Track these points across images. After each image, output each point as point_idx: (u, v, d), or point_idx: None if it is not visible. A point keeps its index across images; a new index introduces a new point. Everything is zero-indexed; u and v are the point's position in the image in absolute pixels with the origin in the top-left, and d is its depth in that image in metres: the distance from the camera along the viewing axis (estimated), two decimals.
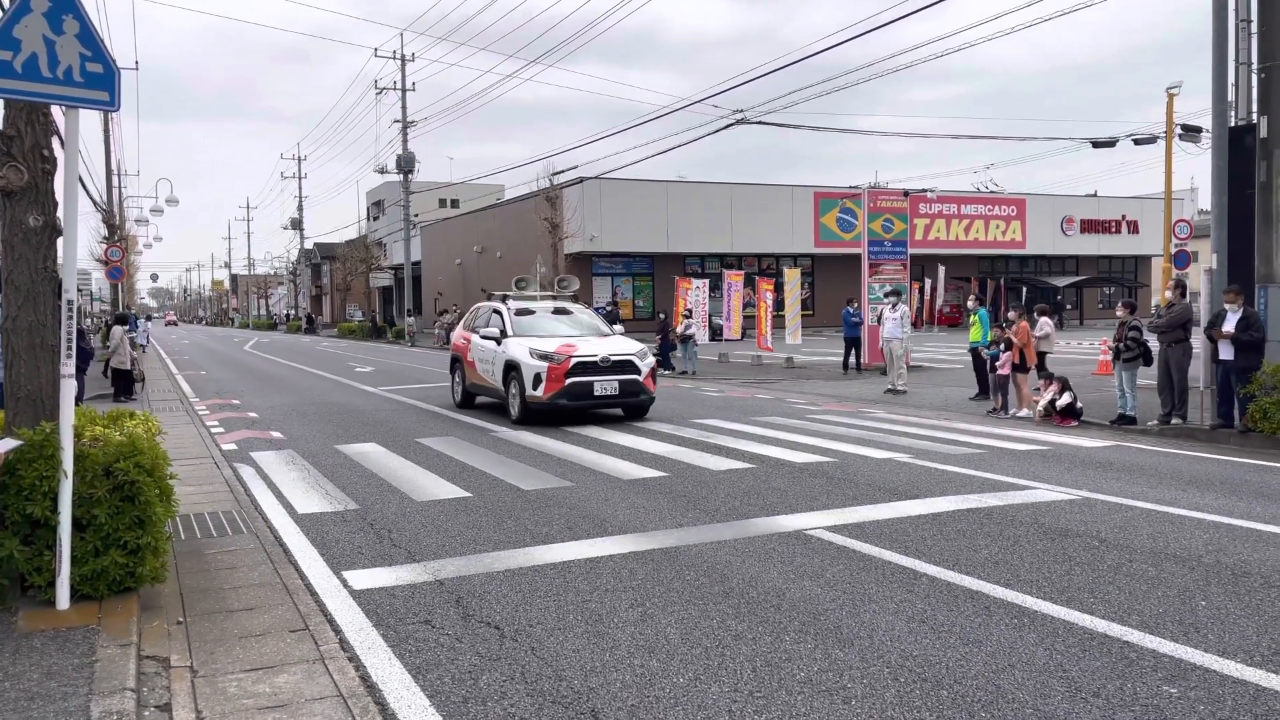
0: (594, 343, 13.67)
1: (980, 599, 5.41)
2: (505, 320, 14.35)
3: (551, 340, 13.60)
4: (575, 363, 13.00)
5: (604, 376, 13.15)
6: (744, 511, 7.72)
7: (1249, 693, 4.09)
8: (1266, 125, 12.29)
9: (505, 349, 13.77)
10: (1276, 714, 3.87)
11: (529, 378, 13.02)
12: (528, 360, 13.15)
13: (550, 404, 12.99)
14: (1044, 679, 4.27)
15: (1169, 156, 25.94)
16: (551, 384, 12.91)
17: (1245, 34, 12.86)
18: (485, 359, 14.43)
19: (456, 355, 15.97)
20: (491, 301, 15.66)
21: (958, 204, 47.30)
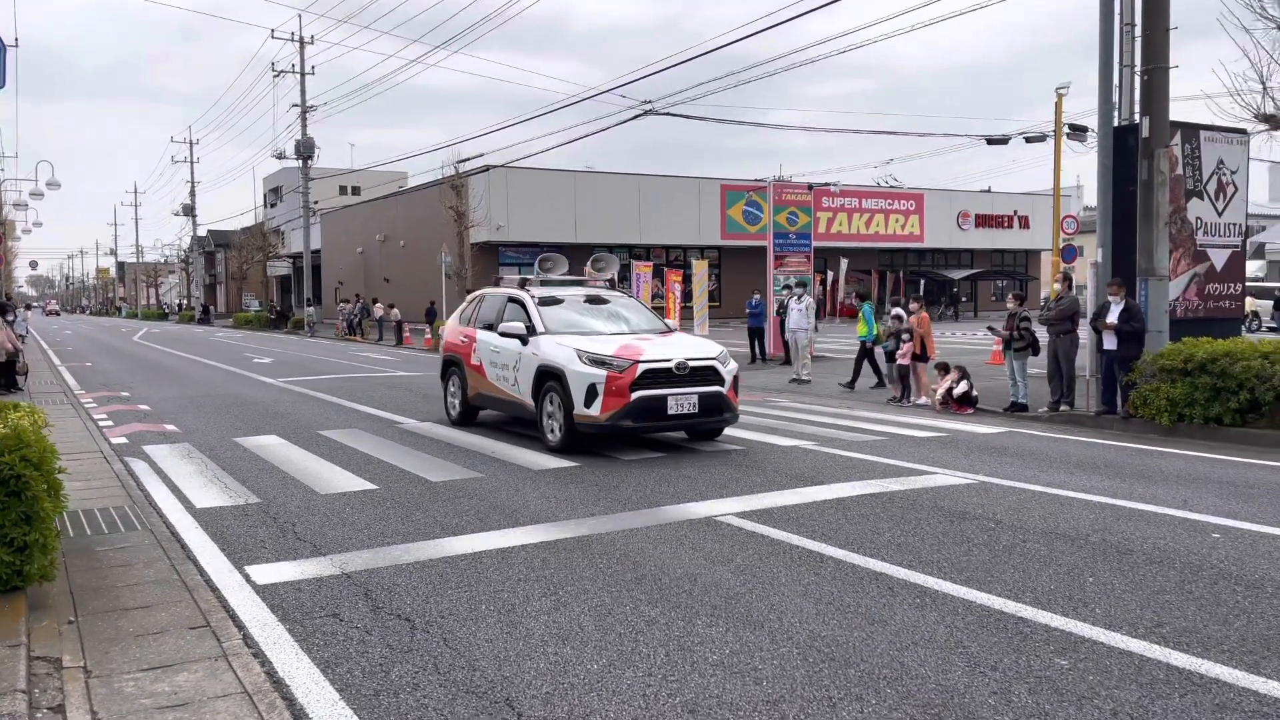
0: (659, 343, 10.20)
1: (884, 580, 5.57)
2: (531, 313, 10.84)
3: (602, 339, 10.23)
4: (644, 370, 9.52)
5: (681, 389, 9.69)
6: (655, 499, 7.77)
7: (1134, 663, 4.31)
8: (1148, 125, 12.91)
9: (537, 350, 10.32)
10: (1160, 682, 4.09)
11: (578, 390, 9.59)
12: (576, 367, 9.67)
13: (609, 426, 9.56)
14: (945, 655, 4.42)
15: (1058, 155, 27.01)
16: (611, 399, 9.45)
17: (1130, 37, 13.46)
18: (501, 363, 11.07)
19: (452, 358, 12.36)
20: (502, 288, 12.23)
21: (859, 198, 48.37)
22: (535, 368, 10.26)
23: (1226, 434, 10.81)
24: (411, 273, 45.18)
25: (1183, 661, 4.30)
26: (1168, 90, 13.02)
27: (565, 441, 9.85)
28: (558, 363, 9.92)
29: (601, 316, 11.22)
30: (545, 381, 10.13)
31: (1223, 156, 14.97)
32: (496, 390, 11.27)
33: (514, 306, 11.27)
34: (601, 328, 10.85)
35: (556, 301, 11.19)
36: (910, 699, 3.96)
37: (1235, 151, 15.16)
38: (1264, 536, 6.48)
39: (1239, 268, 15.52)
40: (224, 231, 77.66)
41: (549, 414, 10.12)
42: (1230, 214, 15.22)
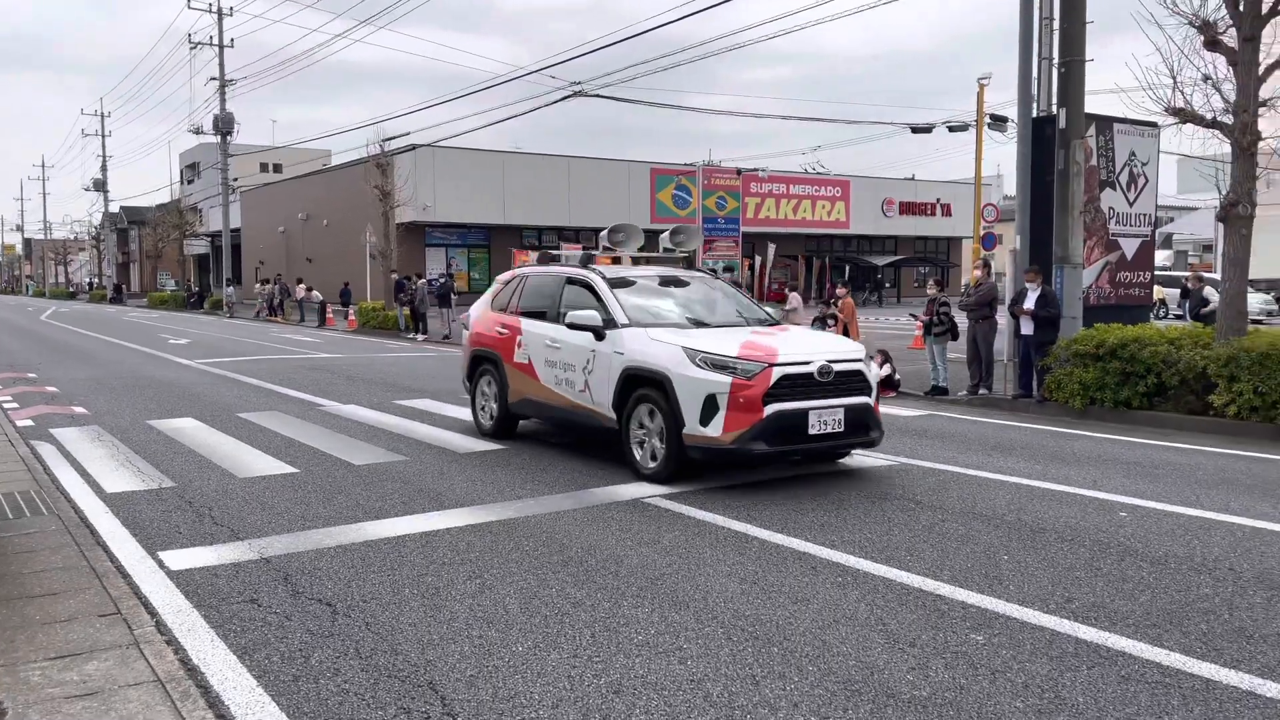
0: (784, 339, 7.98)
1: (808, 560, 5.65)
2: (606, 299, 8.46)
3: (712, 334, 8.01)
4: (780, 376, 7.32)
5: (824, 401, 7.45)
6: (584, 482, 7.76)
7: (1045, 637, 4.45)
8: (1065, 117, 13.27)
9: (621, 348, 8.02)
10: (1069, 655, 4.23)
11: (691, 402, 7.34)
12: (688, 371, 7.42)
13: (734, 451, 7.28)
14: (865, 632, 4.51)
15: (979, 144, 27.61)
16: (738, 414, 7.20)
17: (1048, 31, 13.79)
18: (563, 362, 8.68)
19: (484, 354, 9.86)
20: (557, 266, 9.72)
21: (787, 184, 48.84)
22: (620, 371, 7.93)
23: (1135, 417, 11.22)
24: (335, 253, 44.29)
25: (1091, 635, 4.45)
26: (1084, 83, 13.40)
27: (668, 468, 7.54)
28: (658, 365, 7.61)
29: (692, 303, 8.92)
30: (635, 389, 7.87)
31: (1134, 148, 15.45)
32: (553, 396, 8.81)
33: (576, 290, 8.91)
34: (698, 318, 8.63)
35: (627, 284, 8.80)
36: (831, 675, 4.03)
37: (1146, 144, 15.66)
38: (1168, 515, 6.74)
39: (1148, 257, 16.06)
40: (138, 208, 75.07)
41: (640, 432, 7.86)
42: (1141, 204, 15.73)
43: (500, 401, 9.60)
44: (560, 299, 9.07)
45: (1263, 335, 10.79)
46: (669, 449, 7.58)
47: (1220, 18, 12.18)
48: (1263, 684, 3.93)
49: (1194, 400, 10.96)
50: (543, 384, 8.95)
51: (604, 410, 8.20)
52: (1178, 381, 11.00)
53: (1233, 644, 4.34)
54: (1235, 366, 10.40)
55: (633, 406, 7.92)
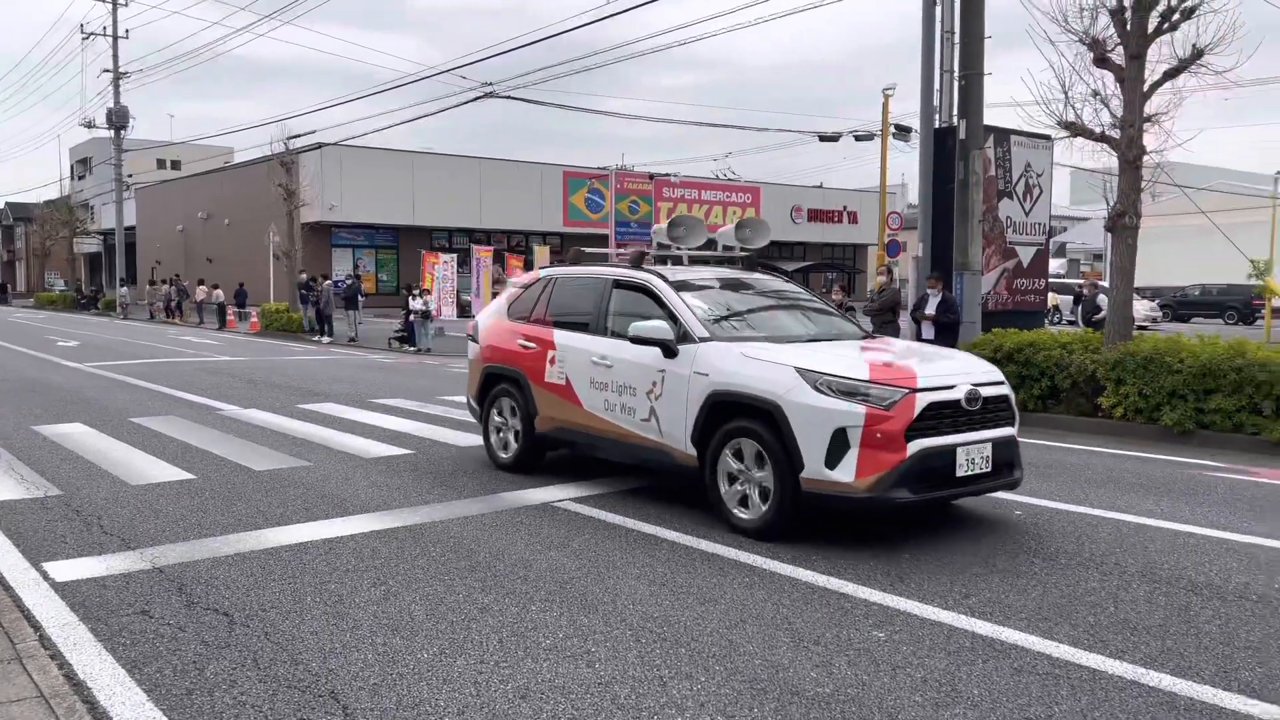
0: (911, 355, 6.75)
1: (716, 561, 5.70)
2: (675, 307, 6.96)
3: (820, 350, 6.51)
4: (926, 404, 5.88)
5: (971, 435, 6.09)
6: (492, 486, 7.69)
7: (943, 632, 4.58)
8: (965, 128, 13.71)
9: (703, 367, 6.49)
10: (965, 650, 4.36)
11: (815, 439, 5.83)
12: (806, 398, 5.90)
13: (875, 499, 5.78)
14: (772, 631, 4.57)
15: (884, 153, 28.30)
16: (875, 454, 5.73)
17: (949, 45, 14.23)
18: (617, 383, 7.12)
19: (502, 370, 8.28)
20: (596, 267, 8.21)
21: (699, 189, 49.25)
22: (705, 396, 6.40)
23: (1029, 419, 11.62)
24: (237, 253, 43.02)
25: (986, 630, 4.60)
26: (982, 96, 13.86)
27: (778, 522, 6.02)
28: (763, 390, 6.06)
29: (775, 312, 7.55)
30: (726, 420, 6.32)
31: (1030, 160, 16.06)
32: (602, 425, 7.25)
33: (628, 296, 7.42)
34: (787, 330, 7.16)
35: (690, 288, 7.29)
36: (738, 675, 4.07)
37: (1041, 156, 16.29)
38: (1059, 513, 7.01)
39: (1043, 264, 16.71)
40: (24, 204, 71.65)
41: (736, 475, 6.29)
42: (1036, 214, 16.35)
43: (525, 428, 8.03)
44: (606, 307, 7.51)
45: (1147, 340, 11.31)
46: (779, 497, 5.97)
47: (1109, 36, 12.74)
48: (1145, 673, 4.11)
49: (1084, 402, 11.42)
50: (587, 409, 7.36)
51: (677, 445, 6.63)
52: (1069, 384, 11.45)
53: (1118, 635, 4.52)
54: (1122, 370, 10.88)
55: (722, 441, 6.33)
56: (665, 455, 6.80)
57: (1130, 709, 3.78)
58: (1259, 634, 4.58)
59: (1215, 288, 39.72)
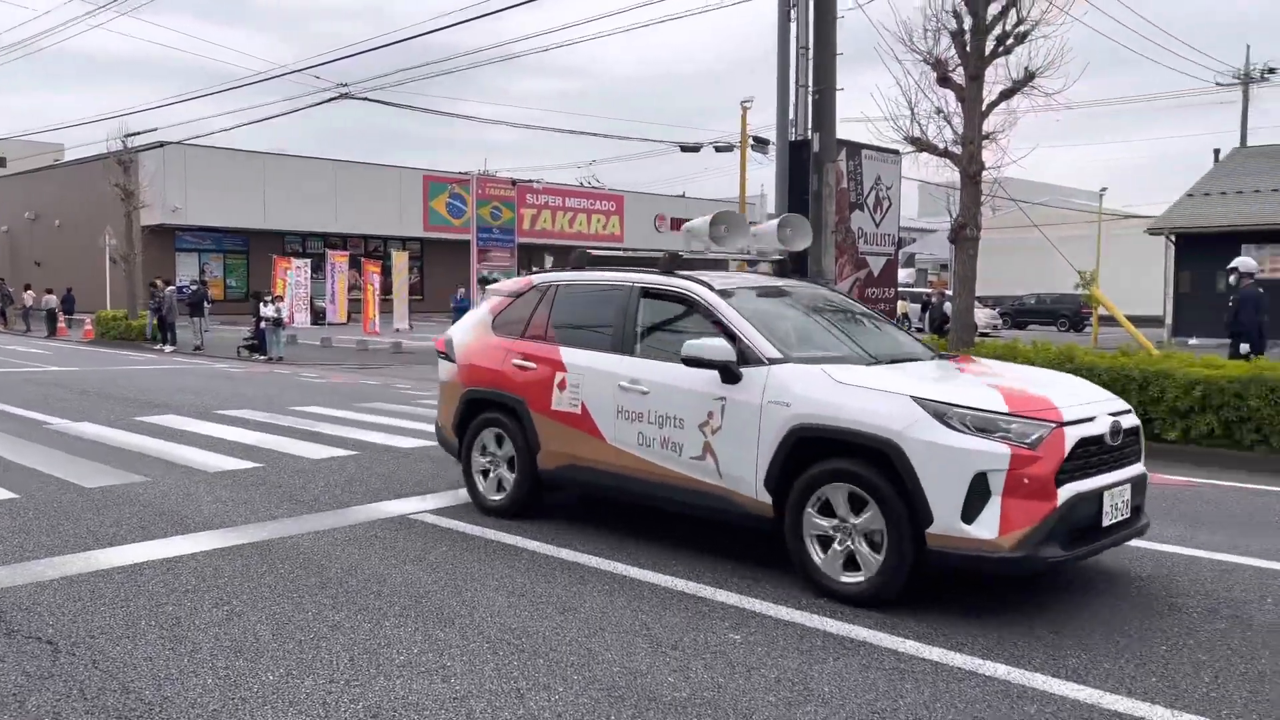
0: (1031, 379, 5.70)
1: (576, 569, 5.67)
2: (731, 320, 5.82)
3: (929, 374, 5.70)
4: (1077, 440, 4.95)
5: (1114, 475, 5.19)
6: (345, 500, 7.44)
7: (797, 632, 4.69)
8: (819, 141, 14.15)
9: (786, 394, 5.35)
10: (818, 648, 4.48)
11: (946, 485, 4.79)
12: (937, 436, 4.85)
13: (1023, 560, 4.75)
14: (630, 638, 4.57)
15: (743, 164, 28.98)
16: (1022, 504, 4.73)
17: (804, 60, 14.66)
18: (662, 413, 5.90)
19: (490, 396, 7.00)
20: (613, 272, 6.88)
21: (563, 196, 49.28)
22: (786, 431, 5.28)
23: None
24: (69, 256, 40.43)
25: (836, 628, 4.73)
26: (835, 110, 14.33)
27: (895, 585, 4.97)
28: (870, 424, 5.00)
29: (843, 326, 6.52)
30: (817, 462, 5.21)
31: (880, 174, 16.70)
32: (634, 464, 6.04)
33: (663, 307, 6.34)
34: (863, 348, 6.10)
35: (737, 296, 6.15)
36: (596, 683, 4.05)
37: (890, 170, 16.96)
38: None
39: (892, 274, 17.40)
40: None
41: (829, 529, 5.18)
42: (886, 225, 17.01)
43: (522, 466, 6.73)
44: (634, 320, 6.32)
45: (988, 346, 11.93)
46: (894, 557, 4.90)
47: (950, 57, 13.43)
48: (983, 664, 4.30)
49: None
50: (613, 444, 6.14)
51: (743, 490, 5.49)
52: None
53: (959, 630, 4.73)
54: None
55: (809, 487, 5.21)
56: (725, 502, 5.60)
57: (968, 697, 3.95)
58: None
59: (1049, 297, 42.36)
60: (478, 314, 7.51)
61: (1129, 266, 38.47)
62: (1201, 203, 29.01)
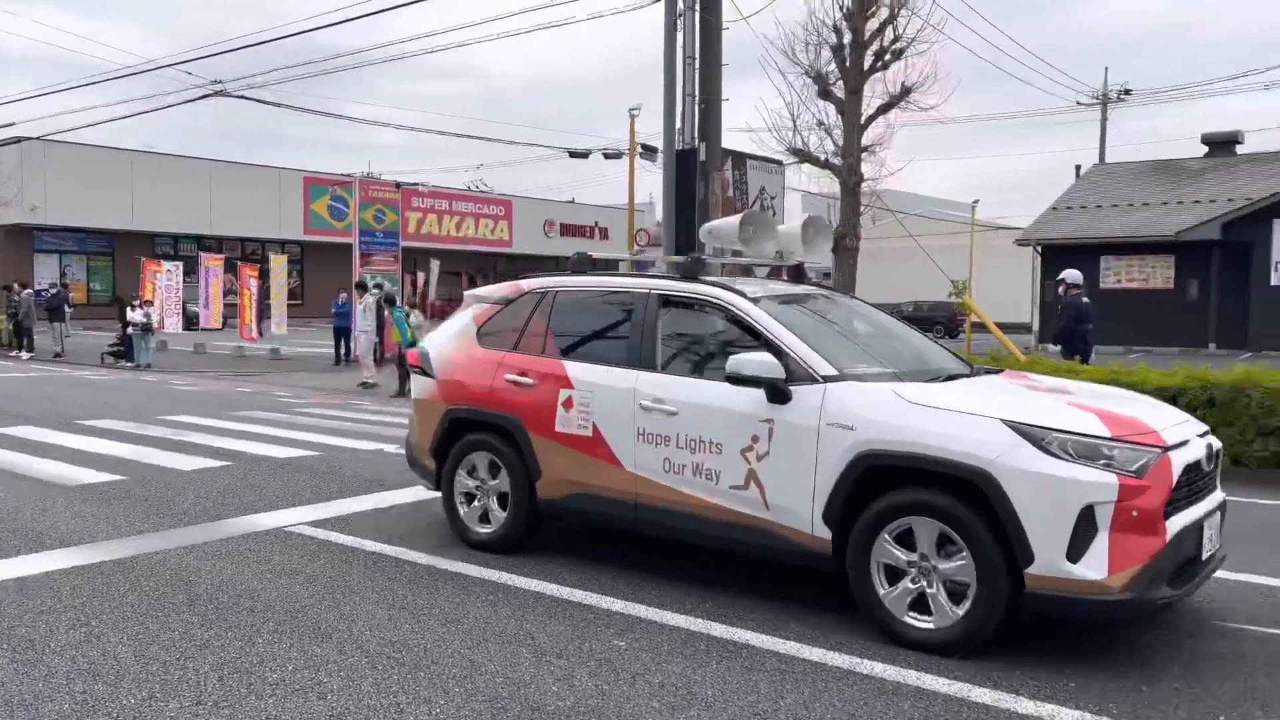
0: (1097, 395, 5.24)
1: (460, 580, 5.58)
2: (774, 332, 5.18)
3: (1003, 393, 5.09)
4: (1184, 467, 4.53)
5: (1208, 504, 4.84)
6: (217, 513, 7.15)
7: (681, 637, 4.71)
8: (705, 150, 14.34)
9: (849, 416, 4.76)
10: (701, 652, 4.51)
11: (1049, 519, 4.25)
12: (1039, 464, 4.31)
13: (1133, 602, 4.27)
14: (514, 648, 4.52)
15: (631, 172, 29.16)
16: (1135, 537, 4.25)
17: (691, 69, 14.84)
18: (695, 437, 5.26)
19: (479, 416, 6.24)
20: (624, 278, 6.32)
21: (450, 200, 48.64)
22: (849, 458, 4.72)
23: None
24: None
25: (721, 632, 4.78)
26: (721, 120, 14.56)
27: (985, 630, 4.43)
28: (956, 450, 4.46)
29: (886, 339, 6.11)
30: (887, 492, 4.67)
31: (765, 183, 17.06)
32: (659, 491, 5.40)
33: (689, 317, 5.76)
34: (914, 363, 5.68)
35: (774, 304, 5.56)
36: (478, 695, 3.99)
37: (774, 179, 17.34)
38: None
39: None
40: None
41: (903, 567, 4.63)
42: None
43: (517, 494, 6.03)
44: (653, 332, 5.65)
45: None
46: (985, 600, 4.38)
47: (831, 70, 13.81)
48: (861, 663, 4.41)
49: None
50: (632, 471, 5.49)
51: (795, 524, 4.92)
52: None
53: (836, 632, 4.83)
54: None
55: (878, 522, 4.66)
56: (771, 537, 5.02)
57: (846, 696, 4.04)
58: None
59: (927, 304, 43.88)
60: (458, 323, 6.63)
61: (1000, 275, 40.31)
62: (1065, 215, 30.57)
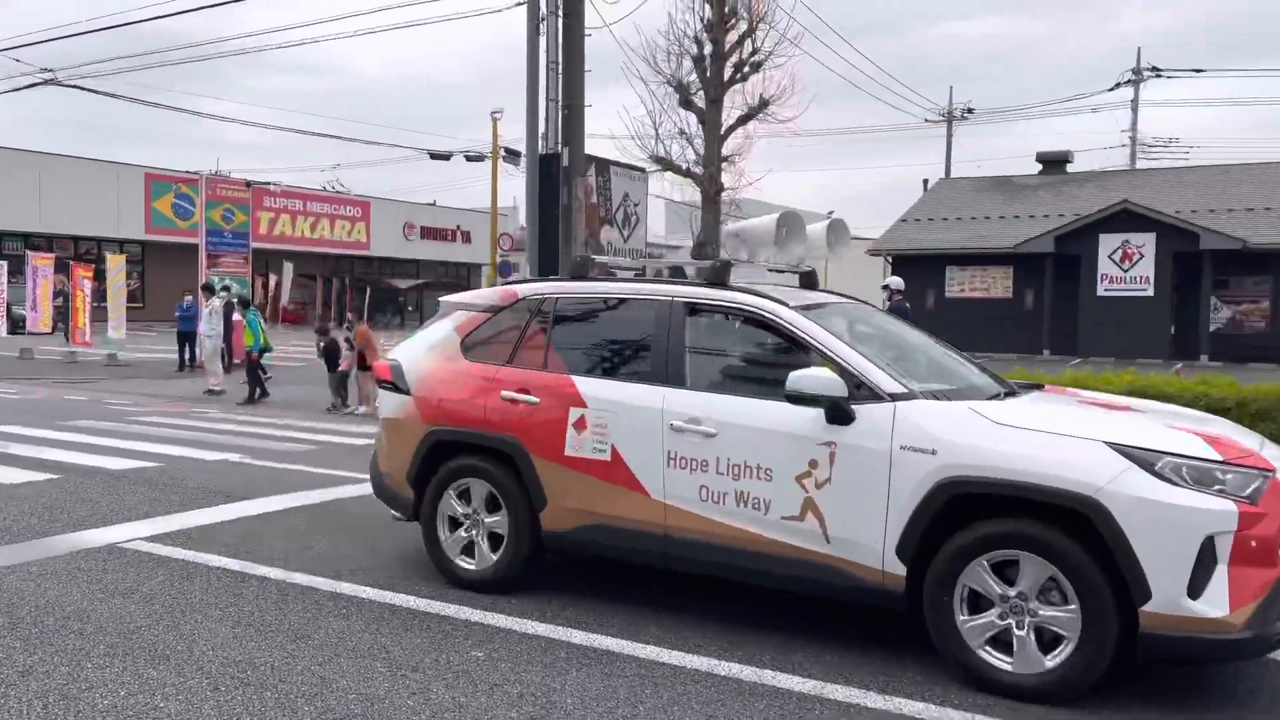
0: (1168, 415, 4.95)
1: (312, 594, 5.38)
2: (830, 346, 4.71)
3: (1092, 413, 4.72)
4: None
5: None
6: (43, 529, 6.66)
7: (540, 645, 4.67)
8: (568, 156, 14.34)
9: (928, 439, 4.32)
10: (561, 660, 4.48)
11: (1171, 552, 3.90)
12: (1155, 492, 3.96)
13: (1251, 640, 3.93)
14: (368, 663, 4.38)
15: (494, 175, 28.89)
16: (1253, 570, 3.94)
17: (554, 75, 14.81)
18: (738, 462, 4.72)
19: (470, 437, 5.54)
20: (637, 284, 5.52)
21: (304, 200, 47.02)
22: (930, 485, 4.28)
23: None
24: None
25: (581, 639, 4.75)
26: (584, 126, 14.58)
27: (1094, 674, 4.05)
28: (1061, 477, 4.07)
29: (926, 351, 5.54)
30: (973, 522, 4.26)
31: (628, 190, 17.17)
32: (695, 523, 4.84)
33: (724, 328, 5.36)
34: (966, 379, 5.22)
35: (818, 314, 5.12)
36: (329, 713, 3.84)
37: (638, 186, 17.48)
38: None
39: None
40: None
41: (989, 602, 4.23)
42: (634, 241, 17.51)
43: (517, 527, 5.35)
44: (680, 343, 5.10)
45: None
46: (1092, 641, 4.01)
47: (692, 80, 14.04)
48: (719, 664, 4.47)
49: None
50: (658, 500, 4.94)
51: (863, 559, 4.45)
52: None
53: (697, 633, 4.88)
54: None
55: (963, 557, 4.24)
56: (834, 574, 4.53)
57: (704, 698, 4.09)
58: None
59: None
60: (437, 333, 5.90)
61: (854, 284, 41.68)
62: (913, 227, 31.98)
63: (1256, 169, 28.91)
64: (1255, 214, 26.06)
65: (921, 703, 4.09)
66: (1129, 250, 25.06)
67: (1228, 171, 29.42)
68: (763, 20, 13.67)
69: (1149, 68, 38.87)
